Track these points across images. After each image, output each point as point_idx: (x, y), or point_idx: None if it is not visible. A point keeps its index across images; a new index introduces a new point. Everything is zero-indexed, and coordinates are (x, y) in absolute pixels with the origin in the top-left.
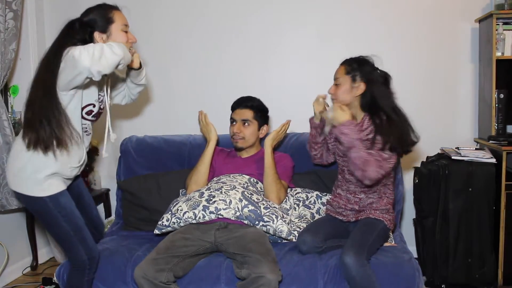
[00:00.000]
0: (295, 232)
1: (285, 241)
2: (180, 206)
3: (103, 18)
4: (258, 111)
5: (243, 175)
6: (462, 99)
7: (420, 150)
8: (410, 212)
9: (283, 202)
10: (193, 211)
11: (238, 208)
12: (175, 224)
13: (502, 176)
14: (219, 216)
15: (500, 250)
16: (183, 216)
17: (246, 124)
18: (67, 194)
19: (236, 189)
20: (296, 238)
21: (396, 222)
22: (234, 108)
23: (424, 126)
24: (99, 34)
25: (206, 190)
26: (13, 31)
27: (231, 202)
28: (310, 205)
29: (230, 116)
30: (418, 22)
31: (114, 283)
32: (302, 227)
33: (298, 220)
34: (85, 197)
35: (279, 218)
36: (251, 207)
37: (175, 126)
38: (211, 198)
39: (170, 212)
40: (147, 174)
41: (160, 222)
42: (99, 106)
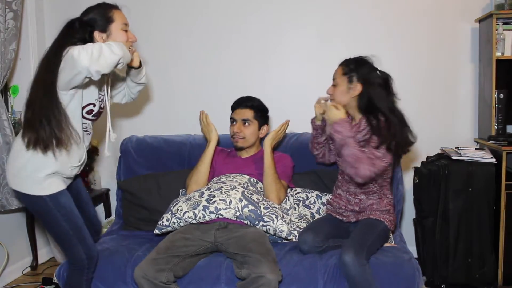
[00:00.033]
0: (295, 232)
1: (285, 241)
2: (180, 206)
3: (103, 17)
4: (258, 111)
5: (243, 175)
6: (462, 99)
7: (420, 150)
8: (410, 212)
9: (283, 202)
10: (193, 211)
11: (238, 208)
12: (175, 224)
13: (502, 176)
14: (219, 216)
15: (500, 250)
16: (183, 216)
17: (247, 124)
18: (67, 194)
19: (236, 189)
20: (297, 238)
21: (396, 222)
22: (234, 108)
23: (424, 126)
24: (99, 33)
25: (206, 190)
26: (13, 31)
27: (231, 202)
28: (310, 205)
29: (230, 116)
30: (418, 22)
31: (114, 283)
32: (302, 227)
33: (298, 220)
34: (83, 196)
35: (279, 218)
36: (251, 207)
37: (175, 126)
38: (211, 198)
39: (170, 212)
40: (147, 174)
41: (160, 222)
42: (99, 106)
